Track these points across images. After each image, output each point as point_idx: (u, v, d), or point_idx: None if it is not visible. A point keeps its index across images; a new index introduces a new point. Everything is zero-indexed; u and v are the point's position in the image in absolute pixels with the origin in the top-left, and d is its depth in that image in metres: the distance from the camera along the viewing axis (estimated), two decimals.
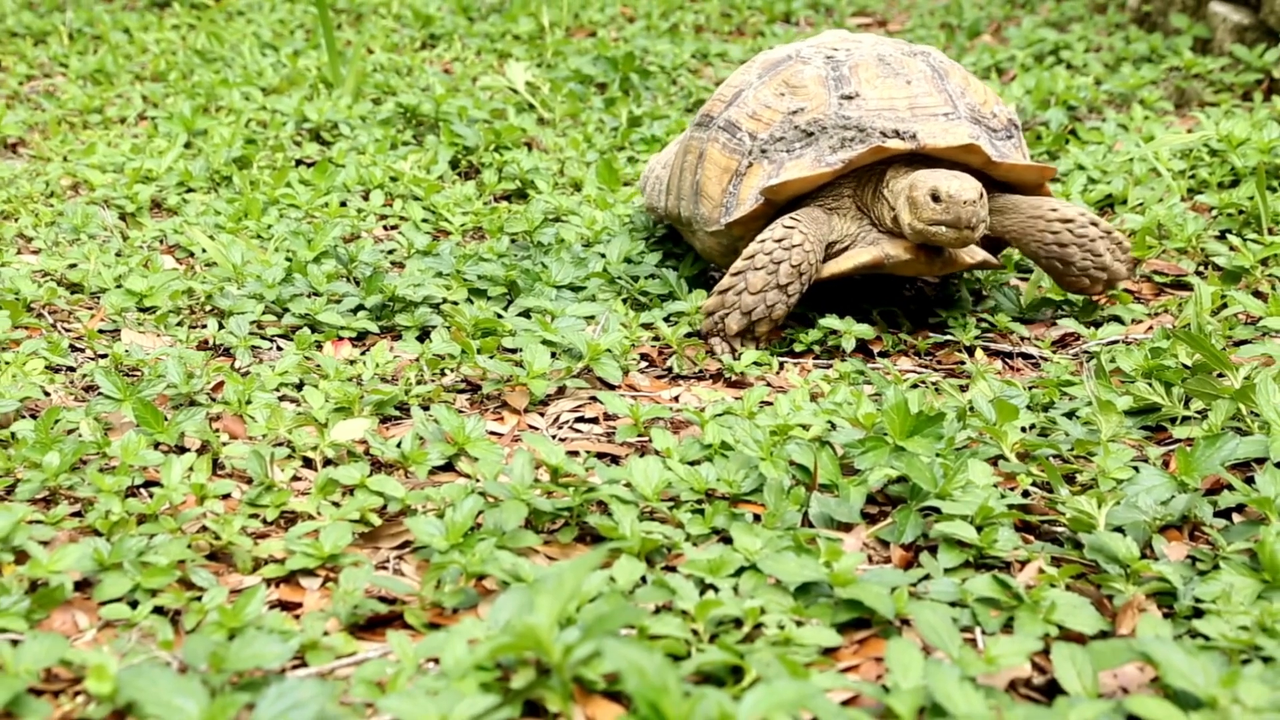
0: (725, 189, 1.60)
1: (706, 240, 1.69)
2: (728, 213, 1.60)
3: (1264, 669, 0.85)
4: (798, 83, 1.60)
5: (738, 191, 1.58)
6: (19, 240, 2.07)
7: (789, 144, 1.56)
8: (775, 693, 0.76)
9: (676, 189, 1.74)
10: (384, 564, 1.11)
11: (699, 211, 1.66)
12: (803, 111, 1.57)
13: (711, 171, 1.63)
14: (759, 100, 1.62)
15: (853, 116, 1.54)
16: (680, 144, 1.79)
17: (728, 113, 1.65)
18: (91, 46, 3.48)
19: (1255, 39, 2.79)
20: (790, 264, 1.49)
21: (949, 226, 1.45)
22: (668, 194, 1.79)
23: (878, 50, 1.63)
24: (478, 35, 3.57)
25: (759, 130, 1.59)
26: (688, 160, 1.70)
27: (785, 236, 1.50)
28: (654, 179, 1.90)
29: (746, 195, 1.58)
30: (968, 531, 1.07)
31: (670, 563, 1.08)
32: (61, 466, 1.19)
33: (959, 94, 1.60)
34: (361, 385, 1.47)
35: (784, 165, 1.55)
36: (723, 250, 1.67)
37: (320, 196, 2.26)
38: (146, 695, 0.78)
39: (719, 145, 1.63)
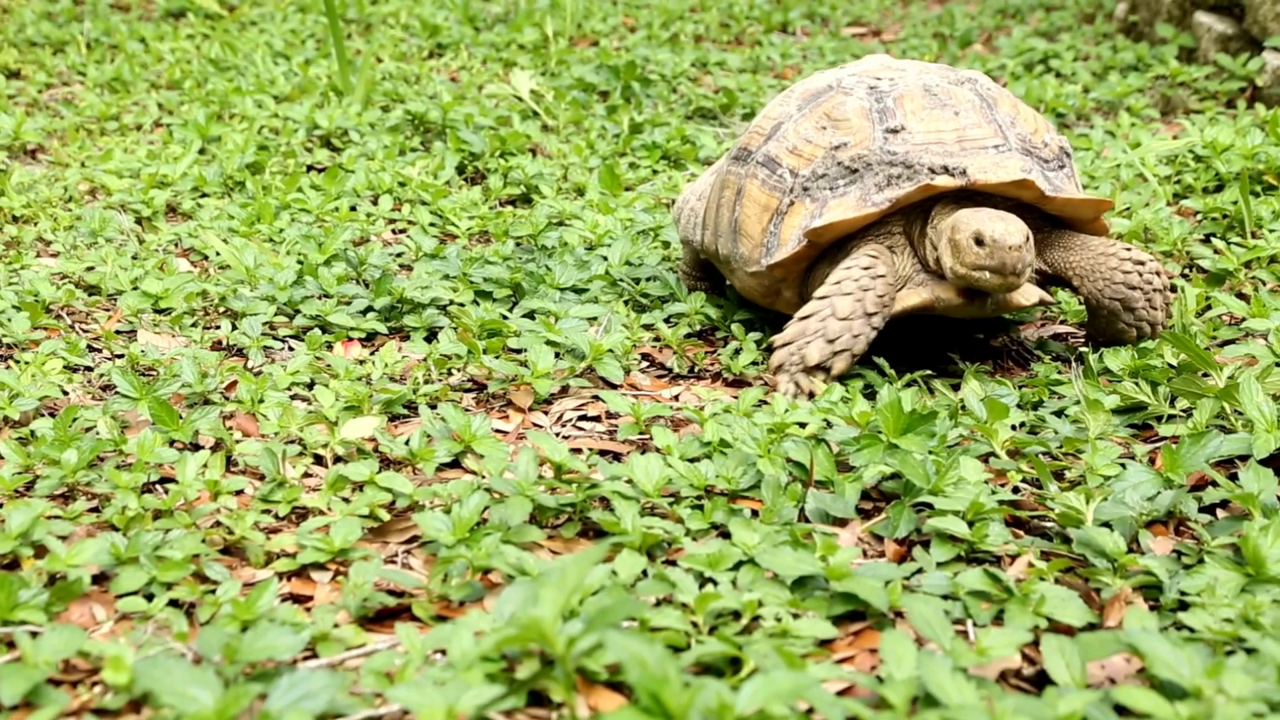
0: (766, 228, 1.51)
1: (746, 280, 1.59)
2: (768, 253, 1.50)
3: (1247, 660, 0.86)
4: (840, 115, 1.50)
5: (779, 231, 1.49)
6: (38, 244, 2.11)
7: (832, 181, 1.46)
8: (773, 683, 0.77)
9: (714, 225, 1.64)
10: (392, 558, 1.13)
11: (738, 250, 1.56)
12: (846, 146, 1.47)
13: (751, 209, 1.54)
14: (799, 134, 1.52)
15: (899, 152, 1.44)
16: (716, 176, 1.69)
17: (767, 147, 1.55)
18: (109, 55, 3.53)
19: (1239, 48, 2.82)
20: (876, 293, 1.40)
21: (993, 272, 1.35)
22: (704, 228, 1.69)
23: (923, 79, 1.53)
24: (483, 45, 3.61)
25: (800, 166, 1.50)
26: (725, 196, 1.61)
27: (871, 265, 1.41)
28: (689, 211, 1.78)
29: (788, 236, 1.48)
30: (959, 527, 1.09)
31: (670, 557, 1.10)
32: (79, 463, 1.21)
33: (1009, 124, 1.49)
34: (371, 384, 1.49)
35: (827, 204, 1.46)
36: (763, 291, 1.58)
37: (331, 201, 2.29)
38: (162, 685, 0.80)
39: (758, 182, 1.53)
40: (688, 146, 2.60)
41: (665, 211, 2.23)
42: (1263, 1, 2.72)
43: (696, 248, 1.75)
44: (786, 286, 1.55)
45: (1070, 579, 1.05)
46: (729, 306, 1.75)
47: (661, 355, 1.67)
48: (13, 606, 0.96)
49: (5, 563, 1.08)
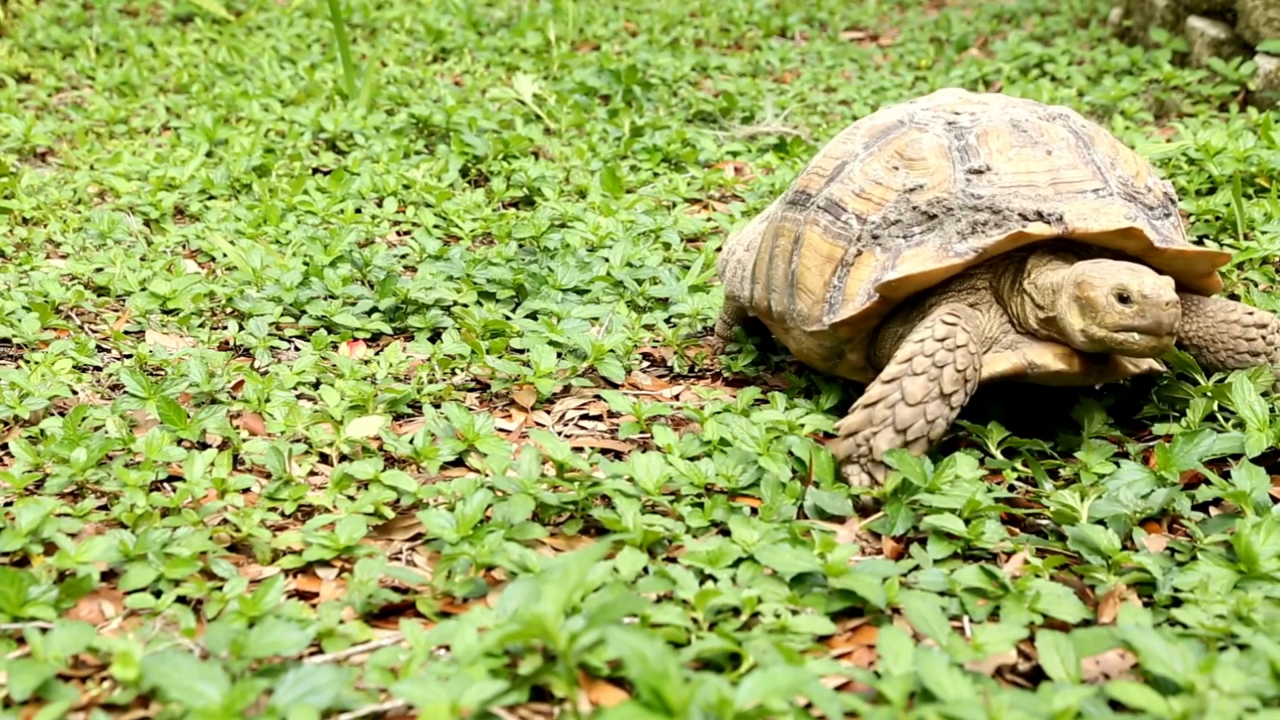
0: (828, 281, 1.31)
1: (804, 341, 1.38)
2: (831, 310, 1.30)
3: (1240, 656, 0.87)
4: (914, 154, 1.30)
5: (844, 285, 1.29)
6: (48, 245, 2.12)
7: (906, 228, 1.27)
8: (771, 678, 0.78)
9: (765, 278, 1.44)
10: (397, 555, 1.14)
11: (795, 307, 1.36)
12: (922, 189, 1.27)
13: (811, 260, 1.33)
14: (867, 175, 1.32)
15: (984, 195, 1.25)
16: (767, 223, 1.50)
17: (829, 190, 1.35)
18: (117, 60, 3.55)
19: (1231, 52, 2.83)
20: (955, 368, 1.18)
21: (1144, 333, 1.15)
22: (753, 282, 1.49)
23: (1009, 113, 1.33)
24: (487, 49, 3.63)
25: (869, 212, 1.29)
26: (779, 245, 1.41)
27: (949, 335, 1.19)
28: (734, 263, 1.57)
29: (855, 290, 1.28)
30: (956, 524, 1.10)
31: (671, 554, 1.11)
32: (88, 462, 1.22)
33: (1108, 165, 1.30)
34: (376, 384, 1.50)
35: (901, 254, 1.26)
36: (824, 353, 1.37)
37: (336, 203, 2.31)
38: (170, 681, 0.81)
39: (819, 229, 1.33)
40: (688, 149, 2.61)
41: (666, 213, 2.24)
42: (1255, 6, 2.73)
43: (744, 304, 1.54)
44: (852, 348, 1.35)
45: (1065, 576, 1.06)
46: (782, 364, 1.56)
47: (662, 355, 1.68)
48: (23, 603, 0.97)
49: (15, 560, 1.10)
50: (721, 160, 2.62)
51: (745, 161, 2.61)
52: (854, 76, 3.35)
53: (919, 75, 3.32)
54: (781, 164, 2.52)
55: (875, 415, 1.19)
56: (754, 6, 4.10)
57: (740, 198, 2.38)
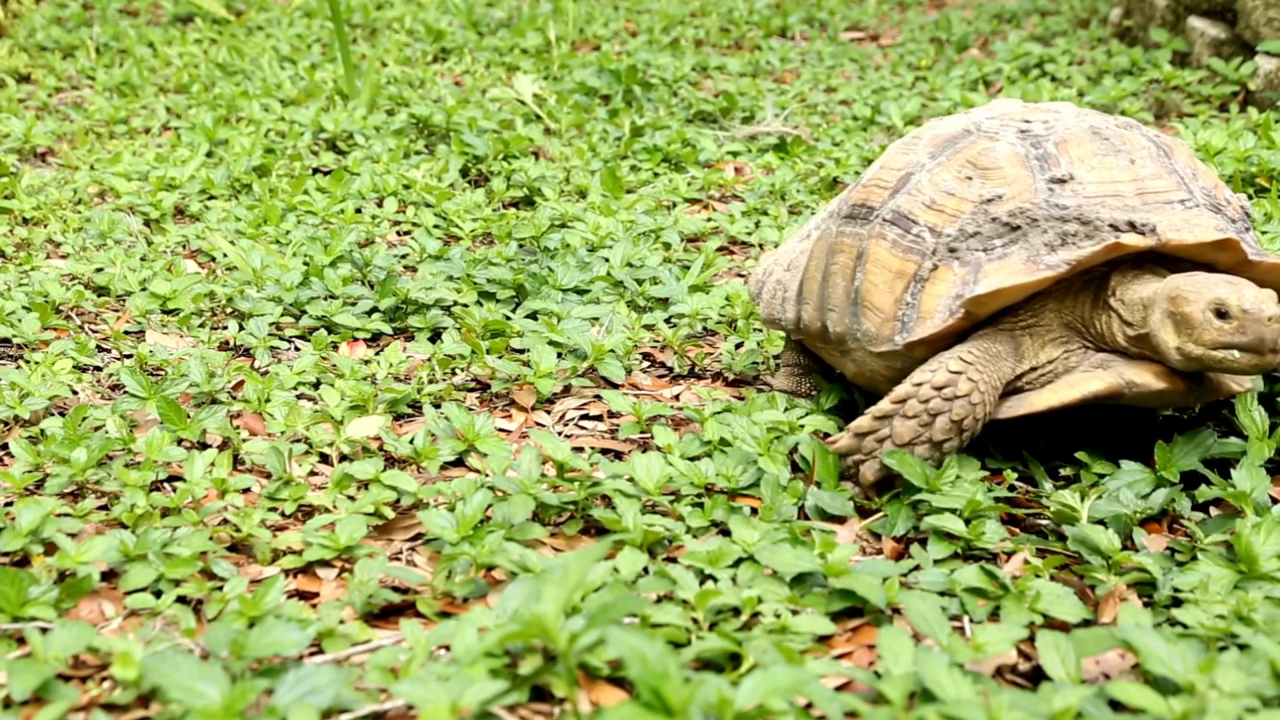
0: (900, 298, 1.23)
1: (869, 362, 1.29)
2: (904, 329, 1.22)
3: (1240, 656, 0.87)
4: (989, 163, 1.23)
5: (918, 302, 1.21)
6: (48, 245, 2.13)
7: (986, 240, 1.19)
8: (772, 678, 0.78)
9: (818, 297, 1.35)
10: (397, 555, 1.14)
11: (860, 326, 1.27)
12: (1001, 200, 1.20)
13: (878, 276, 1.25)
14: (937, 185, 1.25)
15: (1070, 205, 1.18)
16: (818, 240, 1.39)
17: (895, 202, 1.27)
18: (117, 60, 3.55)
19: (1231, 52, 2.83)
20: (950, 418, 1.15)
21: (1245, 350, 1.09)
22: (800, 303, 1.39)
23: (1085, 121, 1.27)
24: (487, 49, 3.63)
25: (943, 224, 1.22)
26: (836, 261, 1.32)
27: (949, 383, 1.15)
28: (773, 284, 1.47)
29: (933, 306, 1.20)
30: (956, 524, 1.10)
31: (671, 554, 1.11)
32: (89, 462, 1.22)
33: (1190, 175, 1.24)
34: (376, 384, 1.51)
35: (982, 268, 1.18)
36: (893, 375, 1.27)
37: (336, 203, 2.31)
38: (170, 681, 0.81)
39: (887, 243, 1.25)
40: (688, 149, 2.61)
41: (666, 213, 2.24)
42: (1255, 6, 2.73)
43: (787, 327, 1.43)
44: None
45: (1065, 576, 1.06)
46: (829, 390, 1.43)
47: (662, 355, 1.68)
48: (23, 603, 0.97)
49: (15, 560, 1.10)
50: (722, 160, 2.62)
51: (745, 161, 2.61)
52: (854, 76, 3.35)
53: (919, 75, 3.32)
54: (782, 164, 2.52)
55: (863, 446, 1.19)
56: (754, 6, 4.11)
57: (740, 198, 2.38)
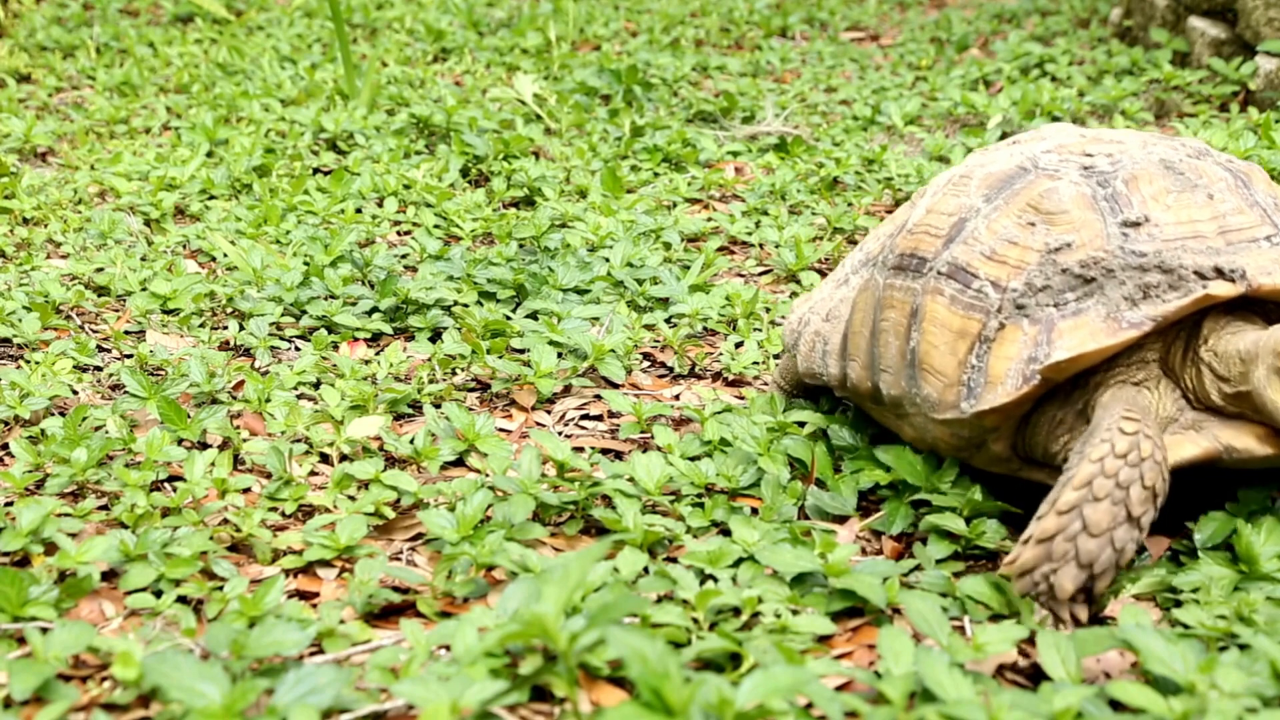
0: (963, 361, 1.10)
1: (930, 429, 1.17)
2: (971, 395, 1.09)
3: (1240, 656, 0.87)
4: (1053, 207, 1.10)
5: (985, 365, 1.09)
6: (49, 245, 2.13)
7: (1057, 295, 1.07)
8: (772, 678, 0.78)
9: (867, 355, 1.22)
10: (397, 555, 1.15)
11: (919, 391, 1.15)
12: (1070, 248, 1.08)
13: (937, 337, 1.13)
14: (997, 233, 1.12)
15: (1148, 251, 1.06)
16: (863, 291, 1.26)
17: (951, 253, 1.14)
18: (118, 60, 3.55)
19: (1232, 52, 2.83)
20: (1143, 484, 0.98)
21: None
22: (845, 359, 1.26)
23: (1153, 152, 1.15)
24: (487, 49, 3.63)
25: (1006, 277, 1.09)
26: (887, 319, 1.19)
27: (1131, 448, 0.99)
28: (810, 335, 1.33)
29: (1002, 371, 1.07)
30: (957, 523, 1.10)
31: (671, 554, 1.12)
32: (89, 462, 1.23)
33: (1274, 207, 1.12)
34: (376, 384, 1.51)
35: (1055, 326, 1.06)
36: (958, 444, 1.16)
37: (336, 203, 2.31)
38: (170, 681, 0.81)
39: (944, 299, 1.13)
40: (689, 149, 2.61)
41: (666, 213, 2.24)
42: (1255, 6, 2.73)
43: (829, 383, 1.29)
44: (997, 438, 1.13)
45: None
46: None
47: (662, 355, 1.68)
48: (23, 603, 0.97)
49: (16, 559, 1.10)
50: (722, 160, 2.62)
51: (746, 161, 2.61)
52: (854, 76, 3.35)
53: (919, 75, 3.32)
54: (782, 164, 2.52)
55: (1054, 550, 0.98)
56: (754, 6, 4.11)
57: (741, 198, 2.38)
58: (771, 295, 1.84)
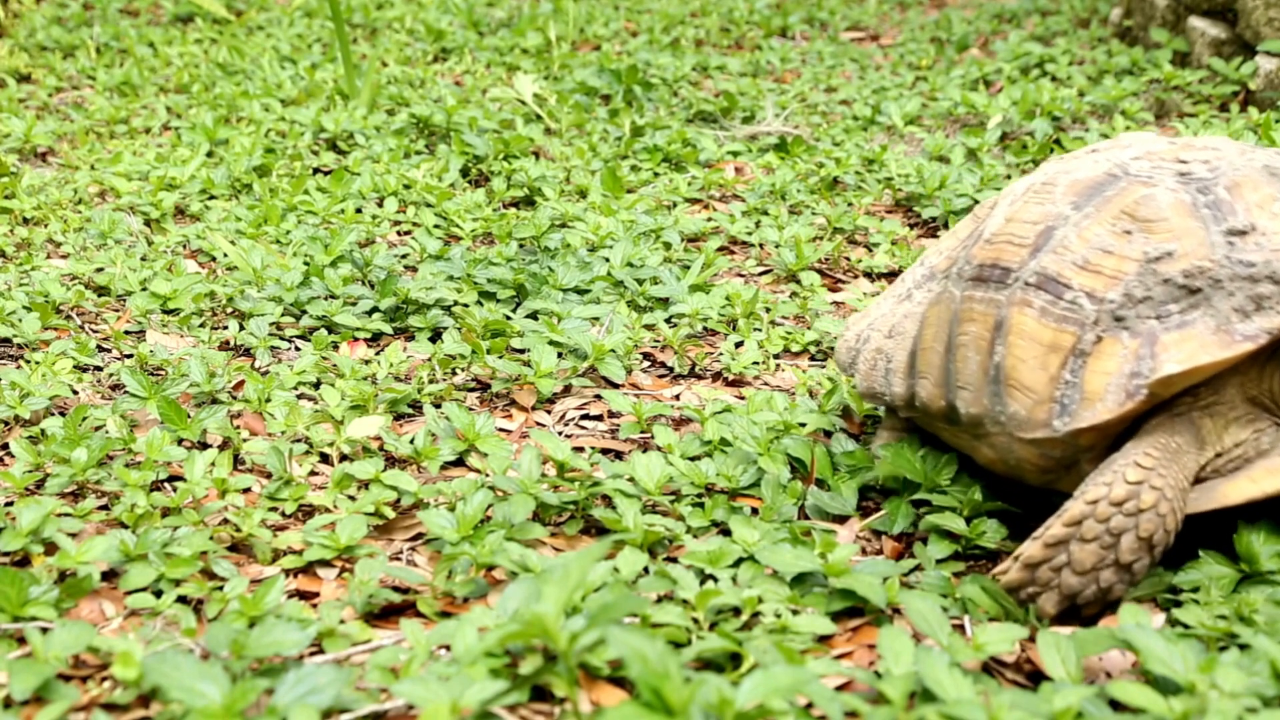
0: (1056, 376, 1.04)
1: (1015, 450, 1.09)
2: (1064, 412, 1.03)
3: (1240, 656, 0.87)
4: (1151, 214, 1.05)
5: (1080, 380, 1.03)
6: (49, 245, 2.13)
7: (1158, 306, 1.02)
8: (772, 678, 0.78)
9: (941, 372, 1.15)
10: (398, 555, 1.15)
11: (1004, 409, 1.07)
12: (1171, 257, 1.03)
13: (1026, 350, 1.06)
14: (1090, 242, 1.06)
15: (1256, 262, 1.01)
16: (919, 302, 1.21)
17: (1038, 262, 1.08)
18: (118, 60, 3.55)
19: (1232, 52, 2.83)
20: (1138, 535, 0.97)
21: None
22: (913, 377, 1.19)
23: (1256, 158, 1.10)
24: (487, 49, 3.63)
25: (1102, 288, 1.04)
26: (966, 332, 1.12)
27: (1130, 496, 0.97)
28: (870, 352, 1.25)
29: (1100, 386, 1.01)
30: (957, 523, 1.10)
31: (671, 554, 1.12)
32: (89, 462, 1.23)
33: None
34: (376, 384, 1.51)
35: (1158, 339, 1.00)
36: (1046, 465, 1.09)
37: (337, 203, 2.31)
38: (170, 680, 0.81)
39: (1034, 311, 1.07)
40: (689, 149, 2.61)
41: (666, 213, 2.24)
42: (1255, 6, 2.73)
43: (893, 403, 1.22)
44: (1091, 458, 1.06)
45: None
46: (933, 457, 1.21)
47: (663, 355, 1.68)
48: (23, 603, 0.97)
49: (16, 559, 1.10)
50: (722, 160, 2.62)
51: (746, 161, 2.61)
52: (855, 76, 3.35)
53: (919, 75, 3.32)
54: (782, 164, 2.52)
55: (1038, 576, 0.99)
56: (754, 6, 4.11)
57: (741, 197, 2.38)
58: (771, 295, 1.84)
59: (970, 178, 2.27)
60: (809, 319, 1.75)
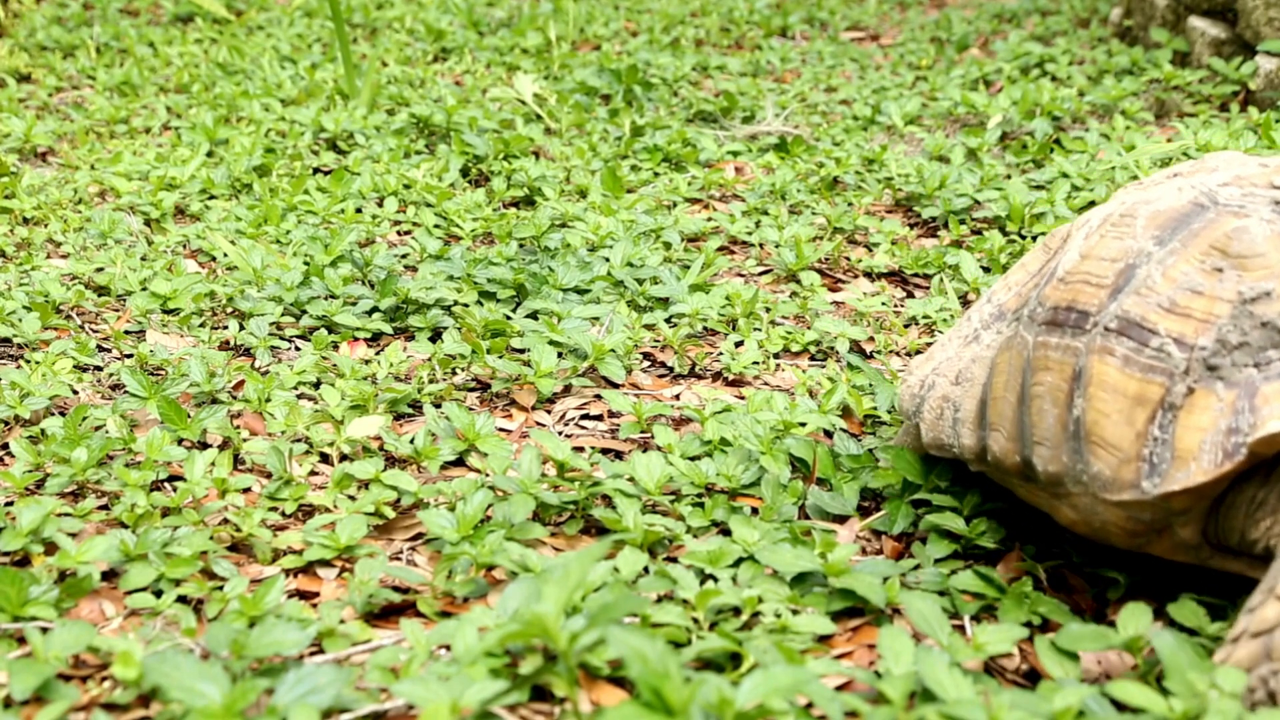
0: (1143, 432, 0.94)
1: (1099, 511, 0.98)
2: (1154, 472, 0.93)
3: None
4: (1244, 249, 0.94)
5: (1170, 436, 0.92)
6: (49, 245, 2.13)
7: (1257, 353, 0.91)
8: (772, 678, 0.78)
9: (1014, 425, 1.04)
10: (398, 555, 1.15)
11: (1086, 468, 0.97)
12: (1269, 297, 0.92)
13: (1108, 403, 0.96)
14: (1176, 281, 0.96)
15: None
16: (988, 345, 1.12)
17: (1120, 304, 0.98)
18: (118, 60, 3.55)
19: (1232, 52, 2.83)
20: None
21: None
22: (984, 428, 1.08)
23: None
24: (487, 49, 3.63)
25: (1192, 333, 0.93)
26: (1041, 382, 1.02)
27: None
28: (937, 400, 1.15)
29: (1194, 443, 0.91)
30: (957, 523, 1.10)
31: (671, 554, 1.12)
32: (89, 461, 1.23)
33: None
34: (376, 384, 1.51)
35: (1259, 391, 0.90)
36: (1134, 528, 0.98)
37: (337, 203, 2.31)
38: (170, 680, 0.81)
39: (1115, 360, 0.96)
40: (689, 149, 2.61)
41: (666, 213, 2.24)
42: (1255, 6, 2.73)
43: (963, 456, 1.11)
44: (1185, 522, 0.96)
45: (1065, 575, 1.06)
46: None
47: (662, 355, 1.68)
48: (23, 603, 0.97)
49: (16, 559, 1.10)
50: (722, 160, 2.62)
51: (746, 161, 2.61)
52: (854, 76, 3.35)
53: (919, 75, 3.32)
54: (782, 164, 2.52)
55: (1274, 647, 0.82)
56: (754, 6, 4.11)
57: (741, 197, 2.38)
58: (771, 295, 1.84)
59: (970, 178, 2.27)
60: (809, 319, 1.75)
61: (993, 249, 1.94)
